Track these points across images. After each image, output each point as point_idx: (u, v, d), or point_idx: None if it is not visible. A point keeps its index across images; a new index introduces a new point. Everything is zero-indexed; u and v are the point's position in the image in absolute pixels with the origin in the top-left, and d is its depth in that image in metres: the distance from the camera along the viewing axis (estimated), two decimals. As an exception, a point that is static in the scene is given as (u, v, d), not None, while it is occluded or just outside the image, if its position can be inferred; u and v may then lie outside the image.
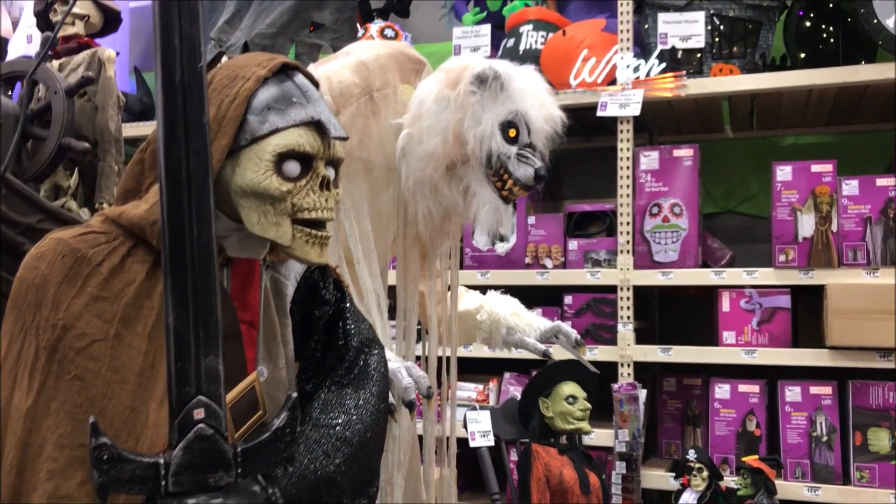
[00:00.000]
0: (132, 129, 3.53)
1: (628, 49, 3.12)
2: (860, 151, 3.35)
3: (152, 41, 0.87)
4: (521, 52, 3.35)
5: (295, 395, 0.90)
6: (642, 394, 2.92)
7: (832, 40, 3.21)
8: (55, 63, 1.91)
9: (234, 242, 1.09)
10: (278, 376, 1.13)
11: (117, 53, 4.13)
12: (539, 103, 1.69)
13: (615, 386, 2.91)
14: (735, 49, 3.17)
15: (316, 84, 1.18)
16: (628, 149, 3.07)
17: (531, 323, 2.14)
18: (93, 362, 0.98)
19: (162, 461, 0.85)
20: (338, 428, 1.08)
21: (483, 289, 2.22)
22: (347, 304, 1.24)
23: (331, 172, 1.11)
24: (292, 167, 1.06)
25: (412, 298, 1.81)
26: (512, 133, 1.65)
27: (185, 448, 0.85)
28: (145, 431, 0.96)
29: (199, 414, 0.85)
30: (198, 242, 0.84)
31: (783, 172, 2.88)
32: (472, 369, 3.36)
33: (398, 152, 1.71)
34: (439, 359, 1.92)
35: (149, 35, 4.38)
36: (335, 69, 1.70)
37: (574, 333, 2.18)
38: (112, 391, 0.97)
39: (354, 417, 1.10)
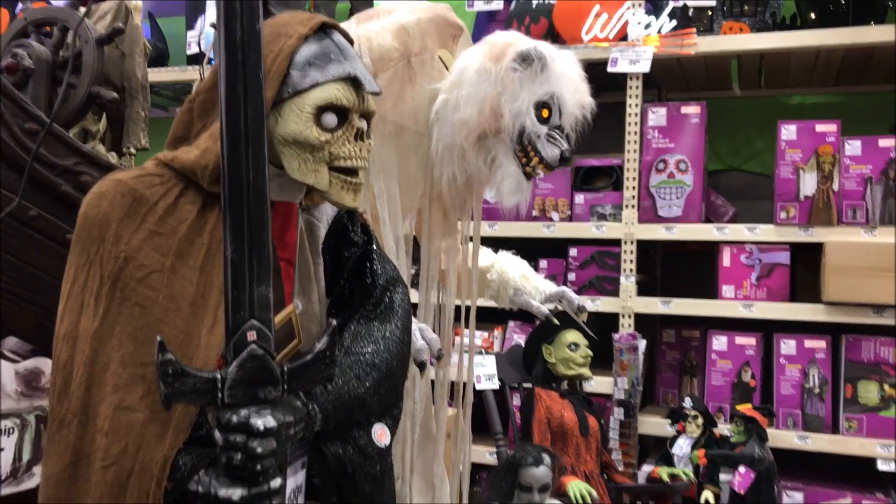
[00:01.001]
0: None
1: (640, 5, 3.15)
2: (865, 112, 3.40)
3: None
4: (533, 6, 3.39)
5: (335, 322, 1.01)
6: (642, 344, 3.03)
7: (843, 1, 3.23)
8: (81, 10, 1.97)
9: (275, 187, 1.15)
10: (311, 310, 1.22)
11: (134, -1, 4.18)
12: (574, 88, 1.75)
13: (616, 336, 3.01)
14: (746, 7, 3.20)
15: (351, 42, 1.24)
16: (637, 105, 3.11)
17: (538, 286, 2.22)
18: (151, 291, 1.07)
19: (219, 376, 0.96)
20: (367, 355, 1.18)
21: (491, 240, 2.30)
22: (374, 247, 1.32)
23: (364, 124, 1.19)
24: (330, 119, 1.13)
25: (434, 258, 1.90)
26: (545, 113, 1.71)
27: (240, 365, 0.96)
28: (197, 353, 1.06)
29: (251, 336, 0.96)
30: (253, 185, 0.95)
31: (788, 131, 2.94)
32: (479, 317, 3.37)
33: (432, 115, 1.77)
34: (457, 308, 2.01)
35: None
36: (376, 31, 1.75)
37: (577, 300, 2.26)
38: (168, 317, 1.07)
39: (382, 347, 1.20)
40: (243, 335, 0.96)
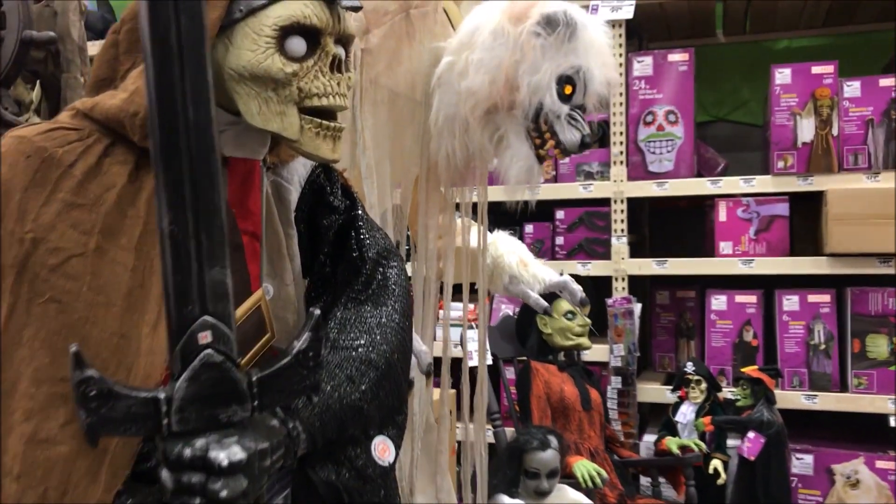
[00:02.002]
0: (95, 48, 3.35)
1: (619, -53, 2.95)
2: (858, 53, 3.24)
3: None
4: (505, -46, 3.17)
5: (318, 311, 0.77)
6: (637, 308, 2.87)
7: (832, -66, 3.06)
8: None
9: (230, 139, 0.93)
10: (285, 294, 0.99)
11: (73, -35, 3.90)
12: (602, 62, 1.50)
13: (610, 301, 2.86)
14: (731, -54, 3.01)
15: None
16: (620, 55, 2.93)
17: (536, 274, 2.02)
18: (71, 281, 0.82)
19: (162, 395, 0.71)
20: (361, 350, 0.95)
21: (472, 205, 2.11)
22: (360, 212, 1.09)
23: (341, 52, 0.96)
24: (297, 44, 0.90)
25: (433, 247, 1.69)
26: (568, 90, 1.45)
27: (190, 378, 0.72)
28: (137, 361, 0.83)
29: (204, 338, 0.71)
30: (195, 127, 0.68)
31: (782, 75, 2.77)
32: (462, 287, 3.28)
33: (433, 80, 1.52)
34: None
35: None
36: None
37: (580, 292, 2.06)
38: (96, 315, 0.83)
39: (378, 337, 0.97)
40: (193, 337, 0.71)
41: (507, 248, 1.98)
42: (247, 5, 0.89)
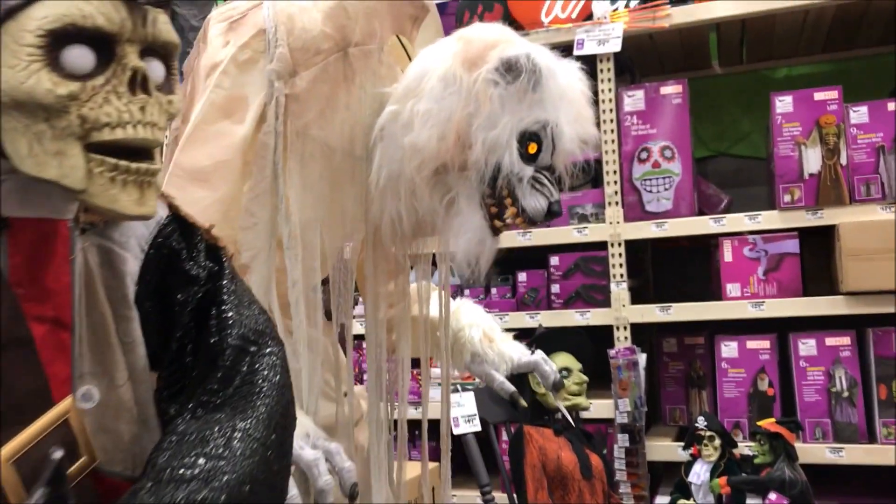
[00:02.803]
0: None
1: (603, -21, 2.81)
2: (861, 78, 3.07)
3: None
4: (485, -8, 3.04)
5: (59, 454, 0.54)
6: (642, 358, 2.67)
7: (827, -44, 2.91)
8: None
9: (11, 192, 0.71)
10: (117, 398, 0.75)
11: None
12: (575, 116, 1.30)
13: (612, 352, 2.65)
14: (720, -28, 2.86)
15: None
16: (610, 89, 2.77)
17: (503, 352, 1.74)
18: None
19: None
20: (193, 483, 0.69)
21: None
22: (226, 282, 0.86)
23: (156, 66, 0.74)
24: (78, 56, 0.68)
25: (383, 317, 1.47)
26: (532, 148, 1.25)
27: None
28: None
29: None
30: None
31: (783, 103, 2.60)
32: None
33: (375, 131, 1.32)
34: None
35: None
36: (302, 7, 1.30)
37: (553, 374, 1.79)
38: None
39: (223, 462, 0.71)
40: None
41: (470, 320, 1.71)
42: (5, 6, 0.67)
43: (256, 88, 1.25)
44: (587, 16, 2.82)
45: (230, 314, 0.84)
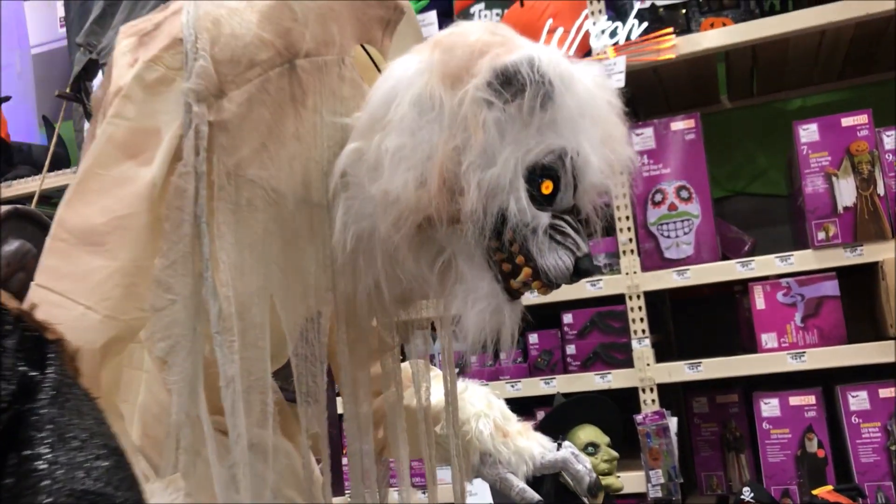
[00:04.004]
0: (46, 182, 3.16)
1: (601, 12, 2.62)
2: (886, 104, 2.85)
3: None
4: (474, 34, 2.84)
5: None
6: (673, 422, 2.39)
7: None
8: None
9: None
10: None
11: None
12: (603, 136, 1.01)
13: (639, 417, 2.37)
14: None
15: None
16: (616, 129, 2.54)
17: (522, 450, 1.39)
18: None
19: None
20: None
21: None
22: (42, 405, 0.57)
23: None
24: None
25: (367, 410, 1.16)
26: (547, 188, 0.96)
27: None
28: None
29: None
30: None
31: (807, 132, 2.37)
32: (463, 415, 2.81)
33: (334, 177, 1.02)
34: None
35: (56, 81, 3.86)
36: (233, 7, 1.01)
37: (588, 475, 1.42)
38: None
39: None
40: None
41: (478, 409, 1.39)
42: None
43: (171, 117, 0.97)
44: (586, 52, 2.61)
45: (41, 465, 0.55)
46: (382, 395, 1.25)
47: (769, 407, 2.39)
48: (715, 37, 2.52)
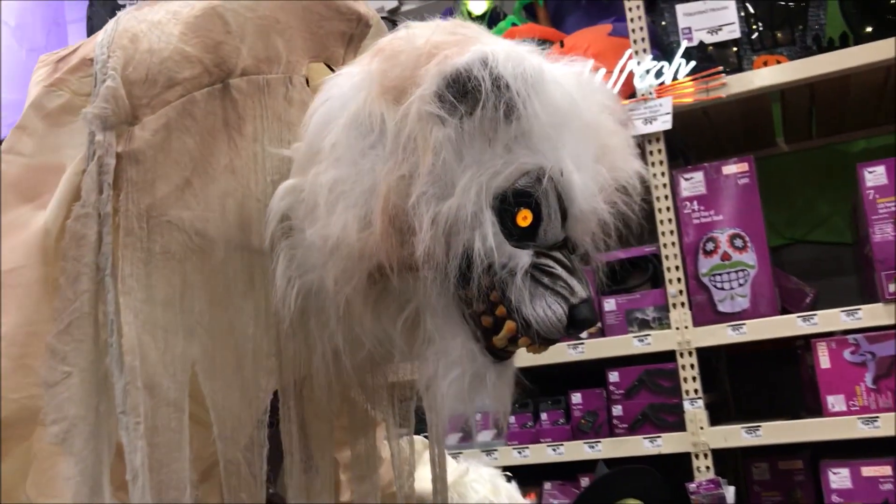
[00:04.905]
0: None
1: (645, 51, 2.48)
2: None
3: None
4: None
5: None
6: (730, 492, 2.19)
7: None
8: None
9: None
10: None
11: None
12: (596, 148, 0.84)
13: (692, 486, 2.17)
14: (780, 35, 2.52)
15: None
16: (663, 173, 2.39)
17: None
18: None
19: None
20: None
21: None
22: None
23: None
24: None
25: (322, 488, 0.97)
26: (525, 219, 0.80)
27: None
28: None
29: None
30: None
31: (874, 175, 2.19)
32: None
33: (271, 222, 0.86)
34: None
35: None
36: (156, 20, 0.87)
37: None
38: None
39: None
40: None
41: (481, 497, 1.19)
42: None
43: (78, 152, 0.82)
44: (630, 94, 2.47)
45: None
46: (362, 483, 1.05)
47: (839, 477, 2.16)
48: (769, 75, 2.36)
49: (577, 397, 2.48)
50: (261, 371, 0.90)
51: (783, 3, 2.52)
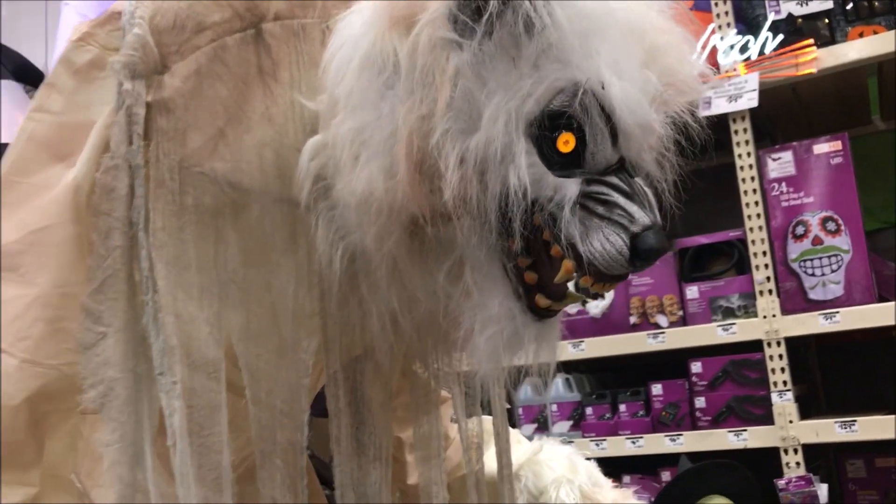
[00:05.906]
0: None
1: (729, 25, 2.37)
2: None
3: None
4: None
5: None
6: (822, 490, 2.08)
7: None
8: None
9: None
10: None
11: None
12: (642, 53, 0.75)
13: (781, 483, 2.07)
14: (877, 4, 2.36)
15: None
16: (749, 154, 2.28)
17: None
18: None
19: None
20: None
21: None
22: None
23: None
24: None
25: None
26: (566, 143, 0.72)
27: None
28: None
29: None
30: None
31: (983, 152, 2.03)
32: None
33: (307, 181, 0.81)
34: None
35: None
36: None
37: None
38: None
39: None
40: None
41: (558, 475, 1.14)
42: None
43: (108, 108, 0.78)
44: (713, 69, 2.36)
45: None
46: (428, 464, 0.99)
47: (943, 476, 2.03)
48: (863, 47, 2.22)
49: (657, 388, 2.39)
50: (301, 331, 0.85)
51: (880, -31, 2.37)
